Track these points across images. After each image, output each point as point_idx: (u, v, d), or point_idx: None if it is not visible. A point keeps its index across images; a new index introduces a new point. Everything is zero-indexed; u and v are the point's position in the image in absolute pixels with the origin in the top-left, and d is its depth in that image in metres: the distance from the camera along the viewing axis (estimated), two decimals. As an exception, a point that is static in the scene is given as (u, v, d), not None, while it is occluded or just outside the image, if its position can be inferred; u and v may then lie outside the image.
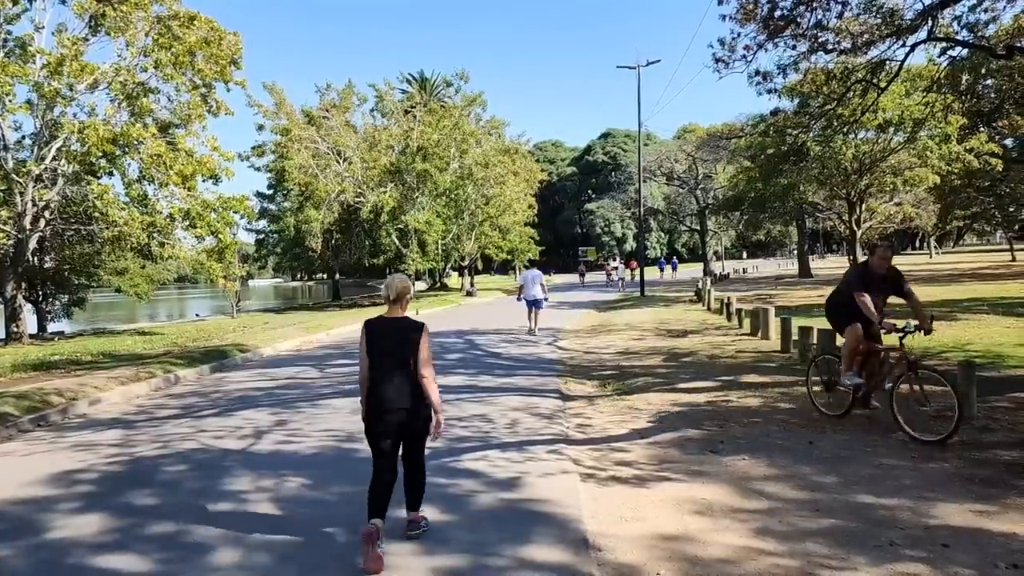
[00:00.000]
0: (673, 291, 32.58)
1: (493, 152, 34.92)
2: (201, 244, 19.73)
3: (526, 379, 9.75)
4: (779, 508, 4.39)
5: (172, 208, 18.29)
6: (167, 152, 16.87)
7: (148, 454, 6.44)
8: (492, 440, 6.43)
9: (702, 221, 47.07)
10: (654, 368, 10.27)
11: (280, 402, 8.77)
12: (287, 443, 6.59)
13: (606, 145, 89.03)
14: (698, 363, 10.40)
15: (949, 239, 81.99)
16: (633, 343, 13.48)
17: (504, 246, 42.29)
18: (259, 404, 8.72)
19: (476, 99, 34.50)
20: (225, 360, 13.22)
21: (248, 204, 21.06)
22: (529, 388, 9.07)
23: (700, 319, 17.27)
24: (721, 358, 10.71)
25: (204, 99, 19.24)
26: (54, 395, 9.33)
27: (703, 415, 7.07)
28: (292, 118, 32.22)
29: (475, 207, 35.18)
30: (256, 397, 9.29)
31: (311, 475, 5.48)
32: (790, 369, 9.28)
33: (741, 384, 8.49)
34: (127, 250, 19.94)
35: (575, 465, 5.55)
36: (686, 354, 11.43)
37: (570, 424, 7.08)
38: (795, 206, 24.99)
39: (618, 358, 11.70)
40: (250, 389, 9.99)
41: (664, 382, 9.06)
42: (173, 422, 7.87)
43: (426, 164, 29.86)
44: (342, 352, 14.19)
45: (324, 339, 17.44)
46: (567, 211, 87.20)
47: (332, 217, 31.40)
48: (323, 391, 9.48)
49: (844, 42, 10.76)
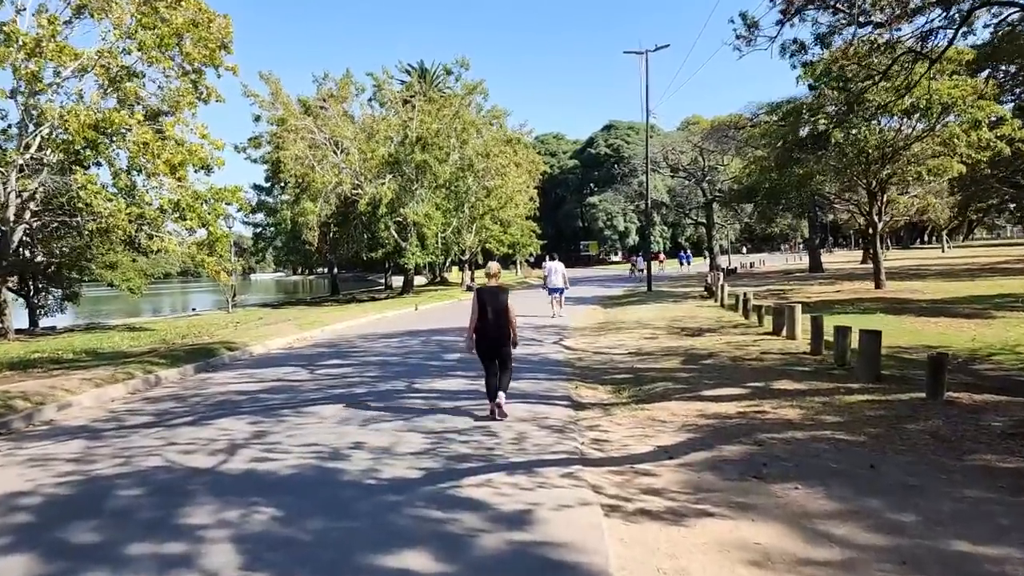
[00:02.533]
0: (680, 286, 31.70)
1: (494, 142, 33.96)
2: (192, 237, 18.93)
3: (532, 383, 8.92)
4: (856, 560, 3.55)
5: (162, 200, 17.45)
6: (154, 140, 16.00)
7: (105, 473, 5.63)
8: (496, 459, 5.60)
9: (708, 214, 46.13)
10: (672, 372, 9.43)
11: (263, 409, 7.95)
12: (263, 460, 5.77)
13: (609, 137, 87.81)
14: (721, 366, 9.56)
15: (958, 233, 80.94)
16: (646, 342, 12.64)
17: (505, 240, 41.38)
18: (240, 411, 7.91)
19: (477, 87, 33.48)
20: (211, 359, 12.41)
21: (241, 195, 20.19)
22: (536, 394, 8.24)
23: (714, 316, 16.41)
24: (745, 360, 9.86)
25: (195, 85, 18.38)
26: (20, 399, 8.53)
27: (736, 429, 6.24)
28: (288, 108, 31.32)
29: (475, 199, 34.25)
30: (238, 402, 8.47)
31: (285, 504, 4.66)
32: (827, 374, 8.42)
33: (774, 392, 7.64)
34: (116, 243, 19.09)
35: (595, 494, 4.72)
36: (705, 355, 10.59)
37: (585, 439, 6.25)
38: (810, 197, 24.05)
39: (631, 359, 10.86)
40: (233, 393, 9.17)
41: (686, 388, 8.22)
42: (143, 432, 7.06)
43: (425, 155, 28.93)
44: (335, 351, 13.36)
45: (319, 336, 16.62)
46: (569, 204, 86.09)
47: (329, 210, 30.50)
48: (310, 396, 8.66)
49: (889, 8, 9.79)
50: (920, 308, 16.12)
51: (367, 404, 7.97)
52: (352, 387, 9.17)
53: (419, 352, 12.65)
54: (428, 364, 11.05)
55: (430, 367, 10.73)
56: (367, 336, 15.94)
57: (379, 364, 11.23)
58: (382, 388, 8.99)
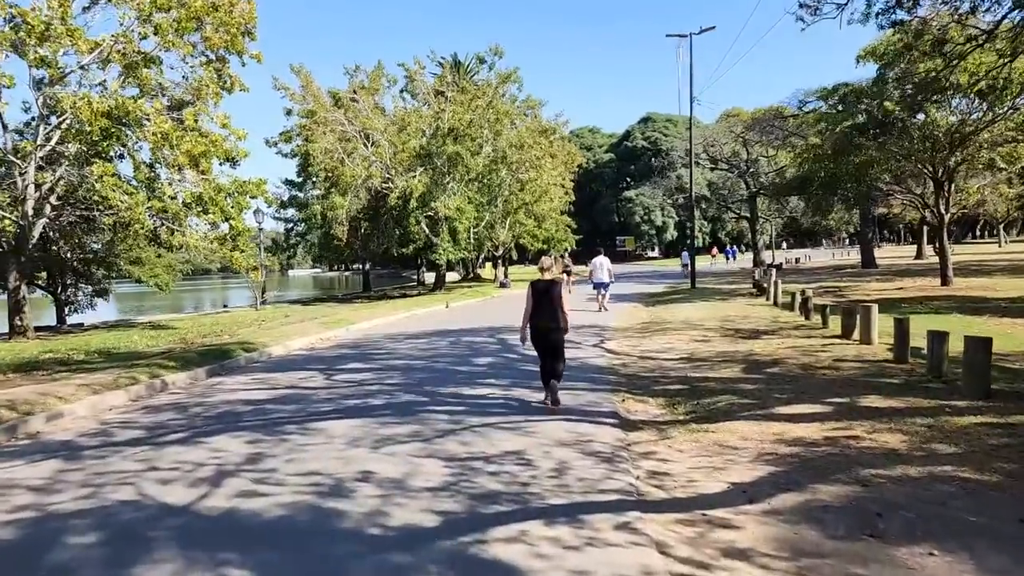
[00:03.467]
0: (725, 282, 30.20)
1: (528, 133, 32.76)
2: (214, 231, 18.23)
3: (572, 395, 7.80)
4: None
5: (185, 193, 16.79)
6: (173, 130, 15.29)
7: (65, 508, 4.70)
8: (532, 500, 4.51)
9: (752, 208, 44.33)
10: (733, 382, 8.22)
11: (266, 424, 6.99)
12: (250, 495, 4.78)
13: (646, 130, 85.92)
14: (790, 376, 8.30)
15: (1013, 227, 77.24)
16: (698, 346, 11.41)
17: (539, 235, 40.19)
18: (240, 425, 6.96)
19: (511, 75, 32.27)
20: (226, 361, 11.56)
21: (266, 188, 19.44)
22: (578, 409, 7.12)
23: (769, 316, 15.06)
24: (818, 370, 8.58)
25: (218, 74, 17.65)
26: (5, 409, 7.72)
27: (829, 461, 5.04)
28: (319, 100, 30.59)
29: (509, 193, 33.11)
30: (241, 414, 7.53)
31: (262, 565, 3.65)
32: (922, 389, 7.10)
33: (863, 410, 6.39)
34: (140, 237, 18.49)
35: (661, 556, 3.60)
36: (769, 362, 9.33)
37: (640, 471, 5.13)
38: (869, 187, 22.38)
39: (683, 366, 9.66)
40: (238, 402, 8.24)
41: (753, 403, 7.01)
42: (126, 452, 6.14)
43: (457, 146, 27.89)
44: (357, 353, 12.41)
45: (343, 336, 15.74)
46: (604, 199, 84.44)
47: (359, 204, 29.71)
48: (322, 407, 7.67)
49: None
50: (1000, 308, 14.58)
51: (383, 418, 6.96)
52: (369, 397, 8.17)
53: (447, 355, 11.63)
54: (455, 369, 10.02)
55: (457, 373, 9.69)
56: (393, 336, 14.99)
57: (402, 369, 10.23)
58: (402, 399, 7.97)
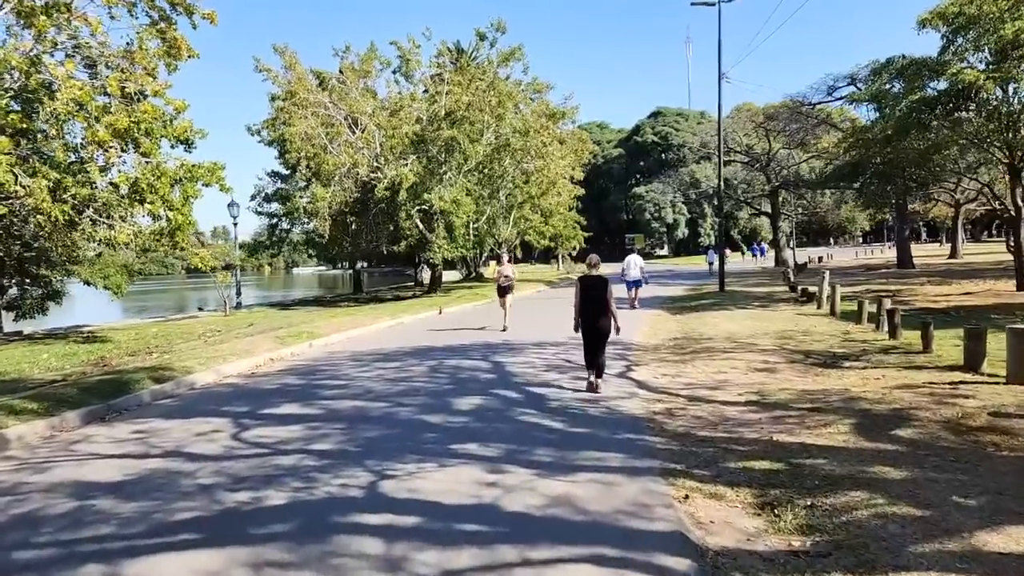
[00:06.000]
0: (753, 284, 27.02)
1: (534, 116, 29.54)
2: (155, 224, 15.20)
3: (595, 480, 4.74)
4: None
5: (120, 177, 13.77)
6: (88, 97, 12.29)
7: None
8: None
9: (774, 202, 41.12)
10: (856, 457, 5.10)
11: (54, 561, 3.92)
12: None
13: (656, 125, 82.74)
14: (942, 447, 5.17)
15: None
16: (764, 379, 8.29)
17: (546, 232, 37.00)
18: (13, 563, 3.90)
19: (514, 53, 29.04)
20: (117, 400, 8.46)
21: (222, 174, 16.33)
22: (606, 524, 4.03)
23: (837, 332, 11.94)
24: (976, 432, 5.45)
25: (161, 37, 14.62)
26: None
27: None
28: (302, 81, 27.45)
29: (513, 186, 29.94)
30: (40, 521, 4.47)
31: None
32: None
33: None
34: (61, 231, 15.43)
35: None
36: (888, 415, 6.21)
37: None
38: (934, 175, 19.22)
39: (758, 417, 6.55)
40: (60, 496, 5.15)
41: (921, 517, 3.89)
42: None
43: (454, 131, 24.73)
44: (303, 386, 9.29)
45: (301, 354, 12.64)
46: (613, 196, 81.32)
47: (346, 197, 26.58)
48: (187, 506, 4.56)
49: None
50: None
51: (265, 548, 3.89)
52: (270, 486, 5.05)
53: (420, 391, 8.53)
54: (425, 421, 6.93)
55: (426, 428, 6.61)
56: (361, 357, 11.85)
57: (348, 420, 7.12)
58: (319, 493, 4.86)
